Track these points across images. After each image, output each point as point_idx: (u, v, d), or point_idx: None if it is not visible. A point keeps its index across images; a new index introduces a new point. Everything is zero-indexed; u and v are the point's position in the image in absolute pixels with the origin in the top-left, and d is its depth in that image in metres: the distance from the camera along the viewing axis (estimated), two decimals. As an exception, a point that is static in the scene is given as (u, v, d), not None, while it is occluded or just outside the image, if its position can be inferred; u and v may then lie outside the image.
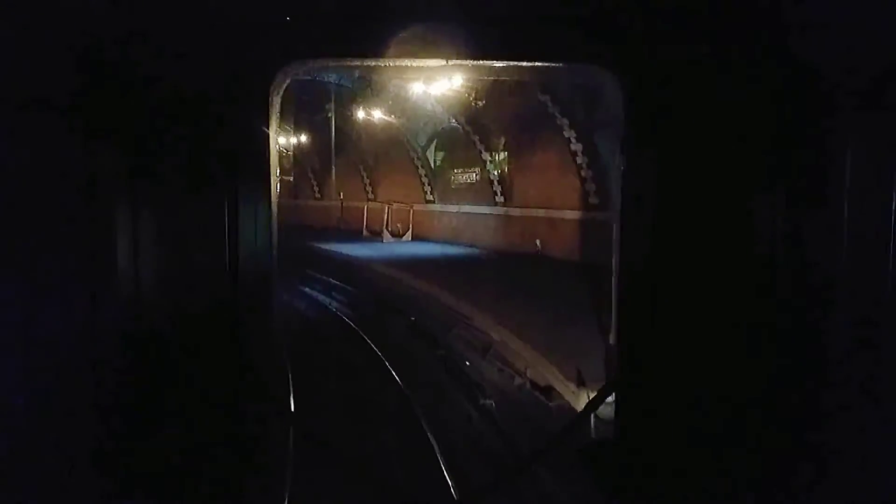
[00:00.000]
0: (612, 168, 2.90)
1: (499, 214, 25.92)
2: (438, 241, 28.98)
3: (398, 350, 13.12)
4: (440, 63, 2.87)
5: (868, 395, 2.37)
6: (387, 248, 27.39)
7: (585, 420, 3.13)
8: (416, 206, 30.90)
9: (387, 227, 31.52)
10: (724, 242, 2.58)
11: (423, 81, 20.28)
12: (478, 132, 25.52)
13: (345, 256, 24.64)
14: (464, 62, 2.90)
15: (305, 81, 23.97)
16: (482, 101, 22.63)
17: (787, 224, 2.49)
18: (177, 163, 2.49)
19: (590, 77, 2.86)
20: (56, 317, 2.36)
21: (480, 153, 25.93)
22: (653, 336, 2.66)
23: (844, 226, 2.37)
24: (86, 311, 2.40)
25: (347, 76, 26.45)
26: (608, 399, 3.13)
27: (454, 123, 26.15)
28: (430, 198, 30.51)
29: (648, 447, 2.70)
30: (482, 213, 26.89)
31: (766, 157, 2.50)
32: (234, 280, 2.59)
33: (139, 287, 2.48)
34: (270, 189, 2.72)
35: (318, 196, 40.60)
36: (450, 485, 7.17)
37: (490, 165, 25.87)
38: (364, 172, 35.13)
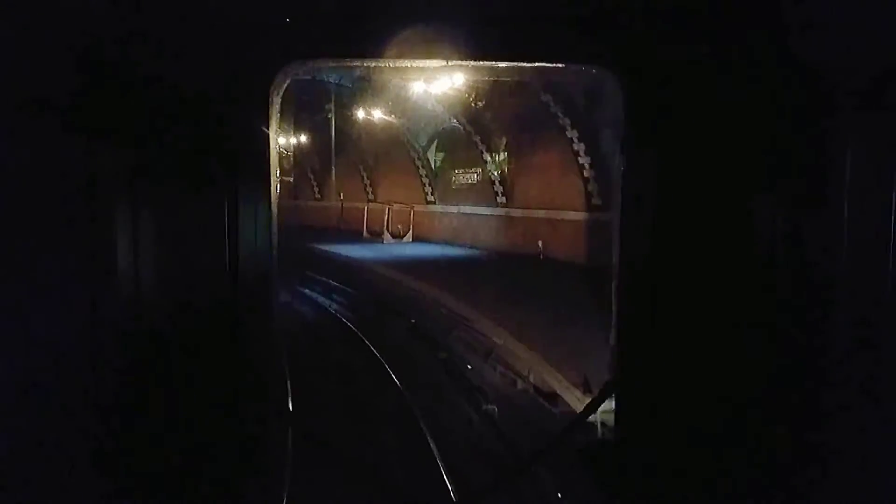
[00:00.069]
0: (615, 168, 2.90)
1: (500, 215, 25.89)
2: (439, 243, 29.00)
3: (398, 352, 13.12)
4: (440, 64, 2.87)
5: (868, 395, 2.37)
6: (387, 250, 27.41)
7: (586, 421, 3.13)
8: (417, 207, 30.90)
9: (387, 228, 31.52)
10: (724, 242, 2.59)
11: (424, 81, 20.26)
12: (479, 132, 25.48)
13: (345, 258, 24.66)
14: (464, 63, 2.90)
15: (305, 81, 23.98)
16: (483, 101, 22.61)
17: (787, 224, 2.49)
18: (177, 163, 2.49)
19: (592, 77, 2.86)
20: (56, 317, 2.36)
21: (481, 153, 25.90)
22: (653, 336, 2.67)
23: (844, 226, 2.37)
24: (86, 311, 2.40)
25: (347, 76, 26.46)
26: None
27: (455, 123, 26.12)
28: (431, 198, 30.51)
29: (648, 447, 2.70)
30: (483, 214, 26.87)
31: (766, 157, 2.50)
32: (234, 280, 2.59)
33: (139, 287, 2.48)
34: (270, 189, 2.72)
35: (318, 197, 40.63)
36: (450, 489, 7.18)
37: (491, 166, 25.82)
38: (364, 173, 35.15)
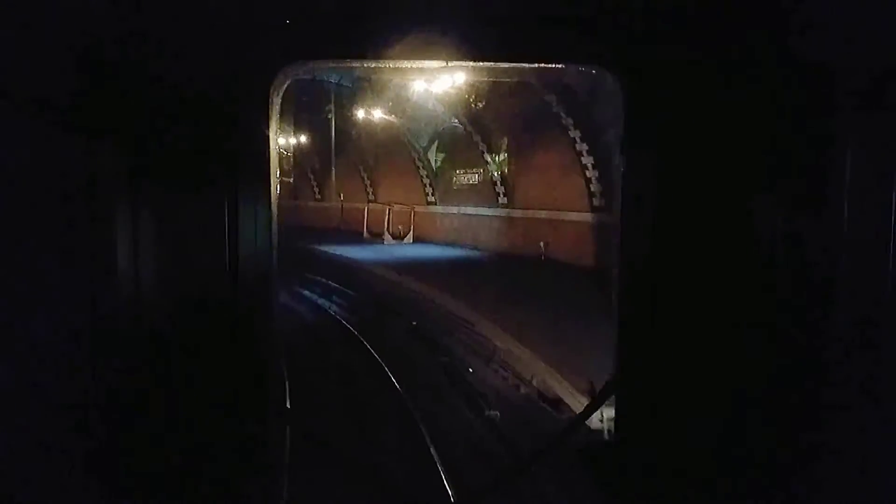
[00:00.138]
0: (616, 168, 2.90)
1: (501, 216, 25.86)
2: (440, 244, 28.98)
3: (398, 355, 13.10)
4: (440, 65, 2.87)
5: (868, 395, 2.37)
6: (388, 251, 27.41)
7: (585, 421, 3.13)
8: (418, 208, 30.90)
9: (388, 229, 31.51)
10: (724, 242, 2.59)
11: (425, 80, 20.25)
12: (480, 132, 25.44)
13: (345, 259, 24.66)
14: (464, 63, 2.90)
15: (305, 81, 23.98)
16: (483, 101, 22.55)
17: (787, 224, 2.49)
18: (177, 163, 2.49)
19: (595, 76, 2.86)
20: (56, 317, 2.36)
21: (482, 153, 25.87)
22: (653, 336, 2.67)
23: (844, 226, 2.37)
24: (86, 311, 2.40)
25: (347, 76, 26.43)
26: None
27: (456, 123, 26.09)
28: (432, 199, 30.51)
29: (648, 447, 2.70)
30: (484, 215, 26.85)
31: (766, 157, 2.50)
32: (234, 280, 2.59)
33: (139, 287, 2.48)
34: (271, 189, 2.72)
35: (319, 197, 40.63)
36: (450, 494, 7.19)
37: (492, 166, 25.79)
38: (364, 173, 35.13)
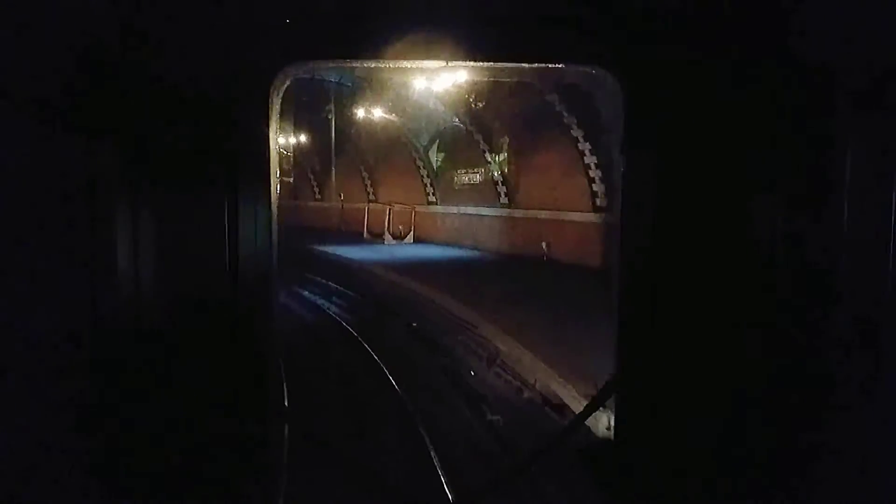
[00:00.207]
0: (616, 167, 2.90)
1: (502, 216, 25.82)
2: (441, 244, 28.97)
3: (398, 357, 13.09)
4: (440, 65, 2.87)
5: (868, 395, 2.37)
6: (388, 251, 27.41)
7: (584, 421, 3.12)
8: (419, 208, 30.90)
9: (388, 229, 31.51)
10: (724, 242, 2.59)
11: (426, 78, 20.23)
12: (481, 131, 25.40)
13: (345, 259, 24.66)
14: (464, 63, 2.90)
15: (305, 81, 23.96)
16: (484, 100, 22.50)
17: (787, 224, 2.49)
18: (177, 163, 2.49)
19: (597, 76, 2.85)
20: (56, 317, 2.36)
21: (484, 153, 25.83)
22: (653, 336, 2.67)
23: (844, 226, 2.37)
24: (86, 311, 2.40)
25: (347, 75, 26.39)
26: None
27: (457, 122, 26.05)
28: (433, 199, 30.50)
29: (648, 447, 2.70)
30: (485, 215, 26.82)
31: (766, 157, 2.50)
32: (234, 280, 2.59)
33: (139, 287, 2.48)
34: (271, 189, 2.73)
35: (319, 197, 40.64)
36: (449, 497, 7.20)
37: (493, 166, 25.75)
38: (365, 173, 35.13)
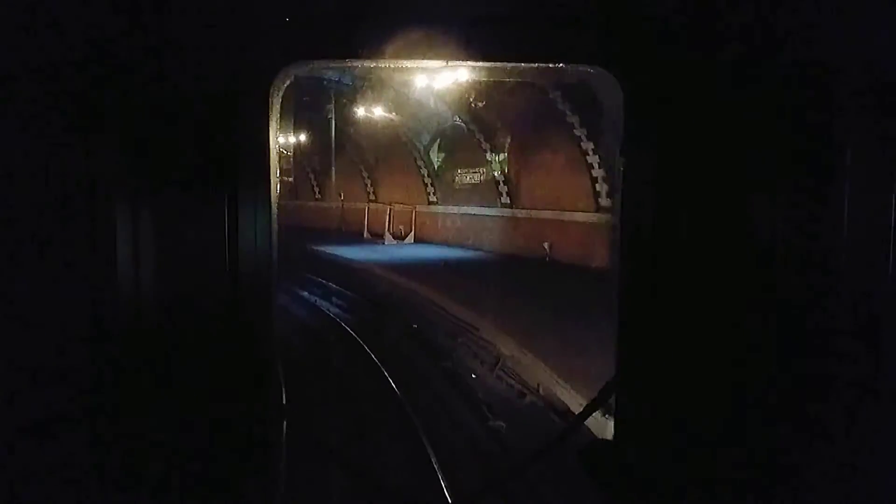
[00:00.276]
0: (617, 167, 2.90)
1: (504, 216, 25.77)
2: (441, 244, 28.95)
3: (398, 359, 13.07)
4: (440, 64, 2.87)
5: (868, 395, 2.37)
6: (389, 251, 27.40)
7: (584, 421, 3.12)
8: (419, 208, 30.89)
9: (388, 230, 31.50)
10: (725, 242, 2.58)
11: (427, 76, 20.23)
12: (482, 130, 25.36)
13: (345, 260, 24.65)
14: (463, 63, 2.90)
15: (305, 81, 23.96)
16: (485, 99, 22.47)
17: (788, 224, 2.49)
18: (177, 163, 2.49)
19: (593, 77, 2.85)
20: (56, 317, 2.36)
21: (485, 152, 25.79)
22: (653, 336, 2.66)
23: (845, 226, 2.37)
24: (86, 311, 2.40)
25: (348, 74, 26.37)
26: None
27: (457, 121, 26.01)
28: (433, 199, 30.48)
29: (648, 447, 2.70)
30: (486, 215, 26.77)
31: (767, 157, 2.50)
32: (235, 280, 2.60)
33: (139, 287, 2.49)
34: (271, 189, 2.73)
35: (319, 197, 40.63)
36: (448, 497, 7.20)
37: (495, 165, 25.71)
38: (365, 173, 35.13)
